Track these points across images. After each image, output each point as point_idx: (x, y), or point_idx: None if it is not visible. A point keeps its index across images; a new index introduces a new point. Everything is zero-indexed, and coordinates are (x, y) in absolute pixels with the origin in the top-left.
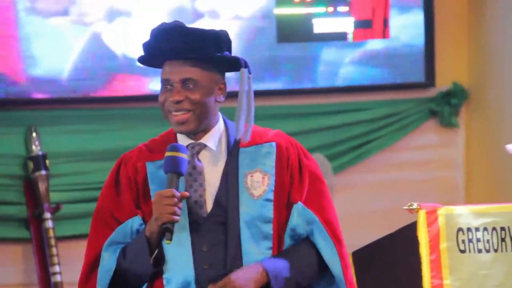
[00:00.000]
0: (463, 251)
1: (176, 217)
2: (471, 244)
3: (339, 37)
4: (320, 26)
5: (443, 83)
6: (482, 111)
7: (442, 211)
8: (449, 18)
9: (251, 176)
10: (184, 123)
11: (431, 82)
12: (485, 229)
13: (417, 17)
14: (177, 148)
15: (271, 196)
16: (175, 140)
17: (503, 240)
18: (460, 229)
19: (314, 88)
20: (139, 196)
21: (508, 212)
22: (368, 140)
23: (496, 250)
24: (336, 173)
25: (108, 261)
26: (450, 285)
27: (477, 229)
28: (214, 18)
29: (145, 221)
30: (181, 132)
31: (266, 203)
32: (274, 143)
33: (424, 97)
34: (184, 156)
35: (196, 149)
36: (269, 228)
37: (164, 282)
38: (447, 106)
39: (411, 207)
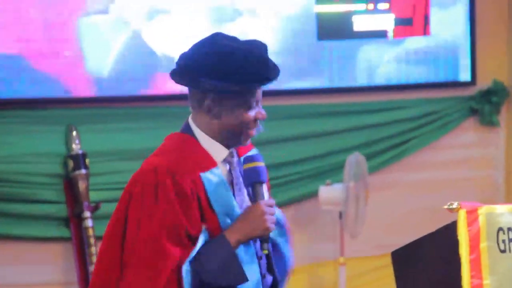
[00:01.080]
0: (503, 251)
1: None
2: (511, 244)
3: (379, 35)
4: (360, 23)
5: (483, 81)
6: None
7: (483, 210)
8: (490, 15)
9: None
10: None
11: (471, 80)
12: None
13: (458, 14)
14: (253, 159)
15: None
16: (202, 149)
17: None
18: (500, 229)
19: (353, 86)
20: (202, 210)
21: None
22: (408, 138)
23: None
24: (375, 171)
25: (194, 279)
26: (489, 285)
27: None
28: (254, 17)
29: (211, 234)
30: (245, 145)
31: None
32: (256, 149)
33: (464, 95)
34: (262, 164)
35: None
36: None
37: None
38: (488, 105)
39: (451, 207)
